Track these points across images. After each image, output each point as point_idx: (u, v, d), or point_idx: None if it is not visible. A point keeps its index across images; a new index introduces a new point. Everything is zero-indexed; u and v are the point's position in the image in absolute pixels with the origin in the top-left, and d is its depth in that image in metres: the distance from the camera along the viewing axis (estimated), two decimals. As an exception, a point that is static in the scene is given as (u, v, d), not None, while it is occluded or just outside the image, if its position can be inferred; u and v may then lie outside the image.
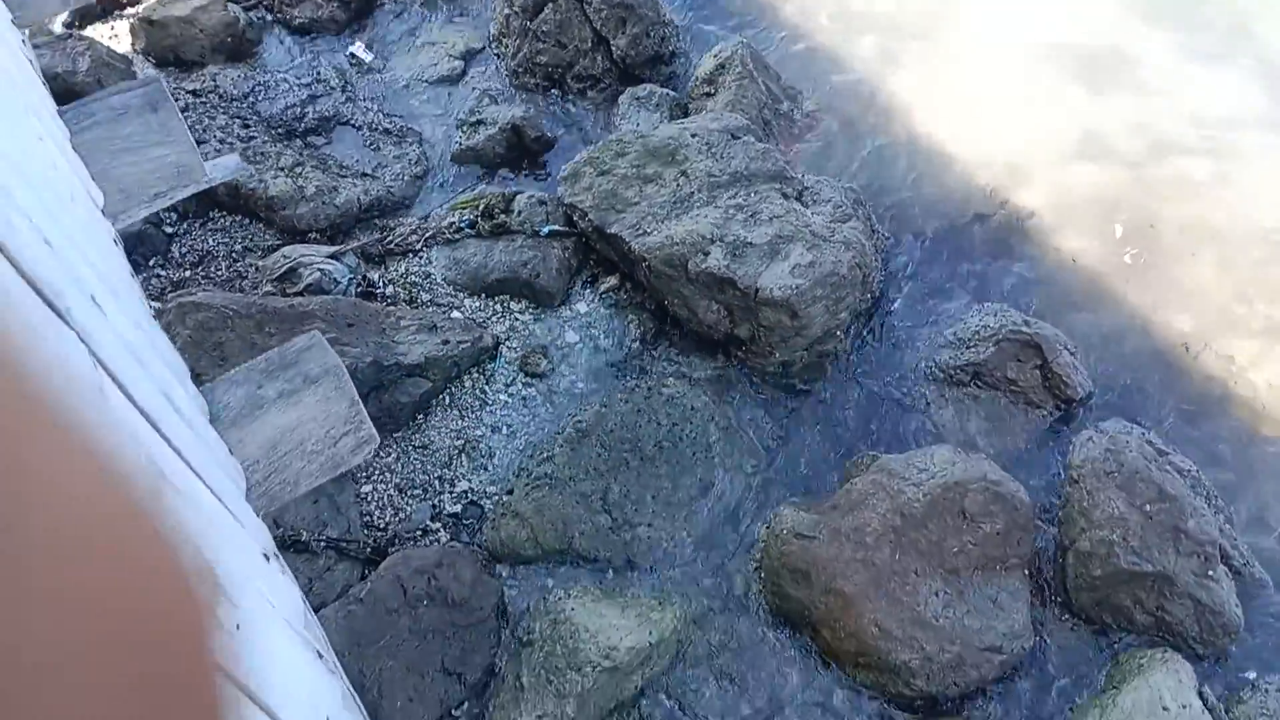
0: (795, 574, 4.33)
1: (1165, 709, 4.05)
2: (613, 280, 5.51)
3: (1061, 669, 4.36)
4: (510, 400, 4.97)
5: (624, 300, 5.41)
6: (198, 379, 2.70)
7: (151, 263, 5.41)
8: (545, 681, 4.08)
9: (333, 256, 5.45)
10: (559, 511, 4.51)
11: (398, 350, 4.89)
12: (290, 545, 4.38)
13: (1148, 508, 4.38)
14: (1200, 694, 4.21)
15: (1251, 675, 4.38)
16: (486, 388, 5.00)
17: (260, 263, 5.41)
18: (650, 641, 4.16)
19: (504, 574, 4.48)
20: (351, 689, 2.95)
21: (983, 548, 4.37)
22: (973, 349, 5.14)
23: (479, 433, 4.84)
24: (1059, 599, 4.48)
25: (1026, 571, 4.49)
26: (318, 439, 2.48)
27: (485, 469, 4.75)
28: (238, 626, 1.28)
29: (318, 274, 5.33)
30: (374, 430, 2.57)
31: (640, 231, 5.24)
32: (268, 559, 2.11)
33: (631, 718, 4.21)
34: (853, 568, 4.26)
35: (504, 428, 4.88)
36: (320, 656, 2.24)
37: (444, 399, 4.96)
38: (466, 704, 4.09)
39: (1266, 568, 4.63)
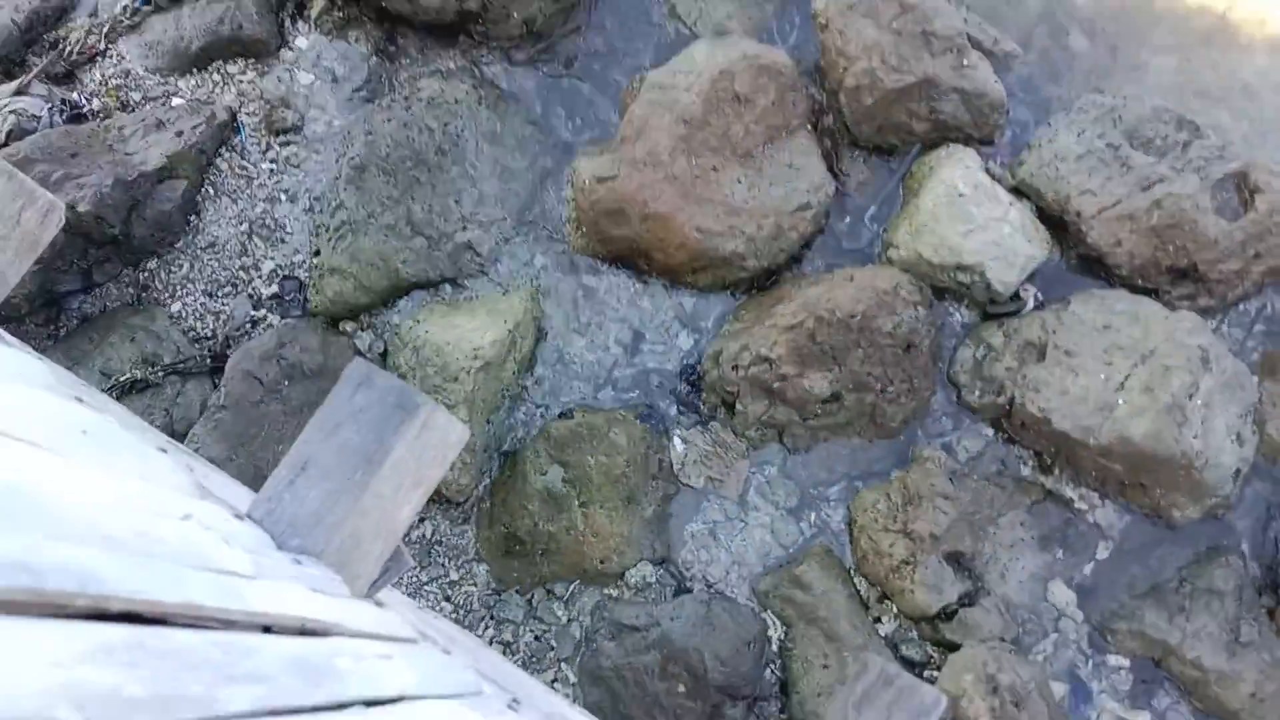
0: (611, 215, 4.47)
1: (961, 195, 4.49)
2: (322, 2, 5.07)
3: (866, 199, 4.74)
4: (274, 166, 4.73)
5: (341, 19, 5.01)
6: None
7: None
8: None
9: (18, 93, 4.86)
10: (373, 252, 4.47)
11: (134, 161, 4.53)
12: (130, 389, 4.29)
13: (894, 24, 4.57)
14: (987, 170, 4.65)
15: (1024, 137, 4.82)
16: (245, 163, 4.72)
17: (-60, 130, 4.79)
18: (509, 328, 4.33)
19: (349, 329, 4.51)
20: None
21: (764, 122, 4.55)
22: (696, -68, 5.02)
23: (259, 210, 4.64)
24: (845, 139, 4.75)
25: (810, 127, 4.72)
26: (-6, 222, 2.38)
27: (283, 241, 4.61)
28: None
29: (12, 118, 4.77)
30: (52, 196, 2.46)
31: (324, -64, 4.77)
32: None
33: (522, 400, 4.48)
34: (659, 189, 4.40)
35: (281, 195, 4.68)
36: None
37: (208, 191, 4.68)
38: (367, 452, 4.27)
39: (1013, 38, 4.94)
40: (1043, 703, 3.76)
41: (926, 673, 3.97)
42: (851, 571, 4.24)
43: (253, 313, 4.49)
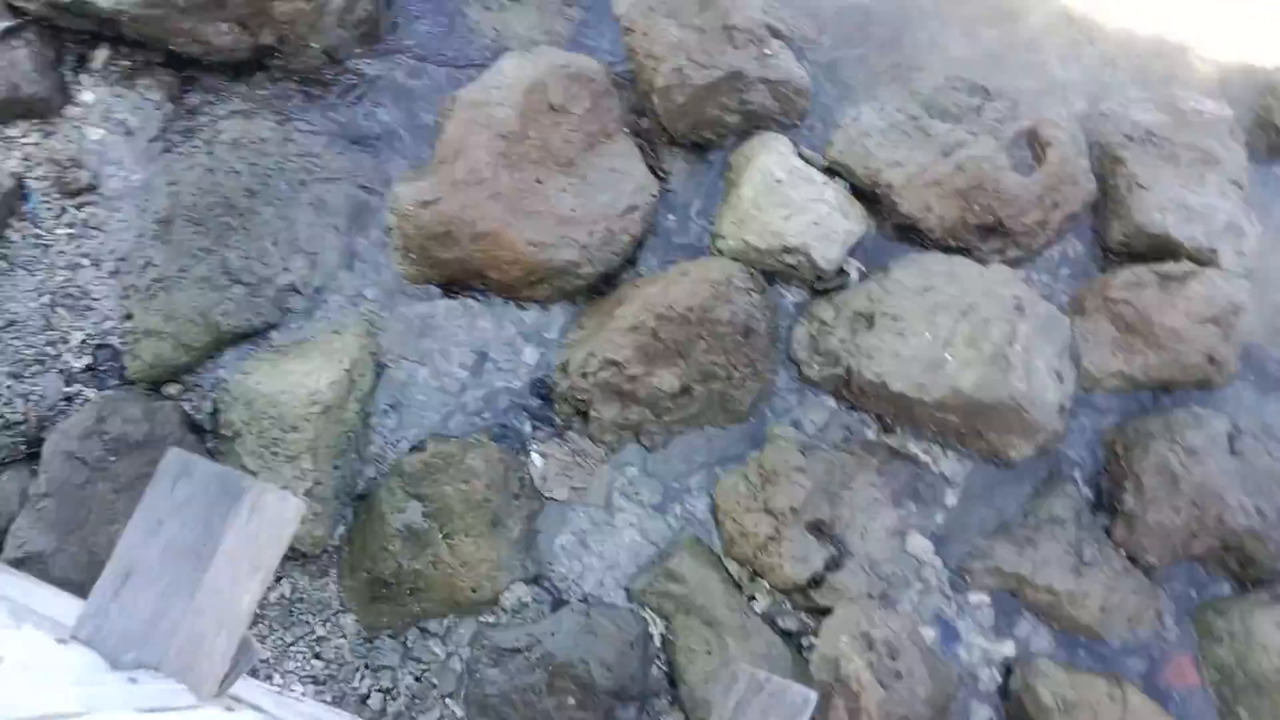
0: (438, 239, 4.39)
1: (779, 181, 4.61)
2: (104, 52, 4.79)
3: (690, 194, 4.82)
4: (73, 230, 4.44)
5: (128, 68, 4.75)
6: None
7: None
8: (271, 456, 4.08)
9: None
10: (189, 307, 4.26)
11: (-89, 243, 4.18)
12: (-64, 490, 3.95)
13: (696, 21, 4.66)
14: (799, 154, 4.80)
15: (832, 119, 4.98)
16: (39, 231, 4.42)
17: None
18: (345, 369, 4.20)
19: (173, 392, 4.28)
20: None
21: (582, 129, 4.57)
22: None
23: (60, 279, 4.35)
24: (663, 139, 4.82)
25: (627, 131, 4.77)
26: None
27: (90, 309, 4.34)
28: None
29: None
30: None
31: (94, -17, 4.51)
32: None
33: (368, 439, 4.35)
34: (485, 207, 4.36)
35: (83, 260, 4.40)
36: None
37: (1, 266, 4.37)
38: (212, 516, 4.06)
39: (810, 23, 5.12)
40: (915, 649, 3.91)
41: (805, 639, 4.07)
42: (721, 556, 4.29)
43: (66, 389, 4.20)
